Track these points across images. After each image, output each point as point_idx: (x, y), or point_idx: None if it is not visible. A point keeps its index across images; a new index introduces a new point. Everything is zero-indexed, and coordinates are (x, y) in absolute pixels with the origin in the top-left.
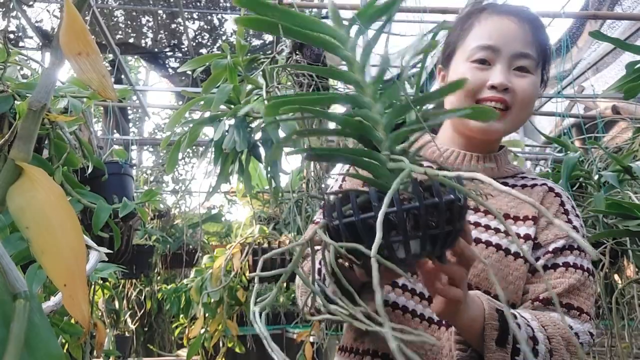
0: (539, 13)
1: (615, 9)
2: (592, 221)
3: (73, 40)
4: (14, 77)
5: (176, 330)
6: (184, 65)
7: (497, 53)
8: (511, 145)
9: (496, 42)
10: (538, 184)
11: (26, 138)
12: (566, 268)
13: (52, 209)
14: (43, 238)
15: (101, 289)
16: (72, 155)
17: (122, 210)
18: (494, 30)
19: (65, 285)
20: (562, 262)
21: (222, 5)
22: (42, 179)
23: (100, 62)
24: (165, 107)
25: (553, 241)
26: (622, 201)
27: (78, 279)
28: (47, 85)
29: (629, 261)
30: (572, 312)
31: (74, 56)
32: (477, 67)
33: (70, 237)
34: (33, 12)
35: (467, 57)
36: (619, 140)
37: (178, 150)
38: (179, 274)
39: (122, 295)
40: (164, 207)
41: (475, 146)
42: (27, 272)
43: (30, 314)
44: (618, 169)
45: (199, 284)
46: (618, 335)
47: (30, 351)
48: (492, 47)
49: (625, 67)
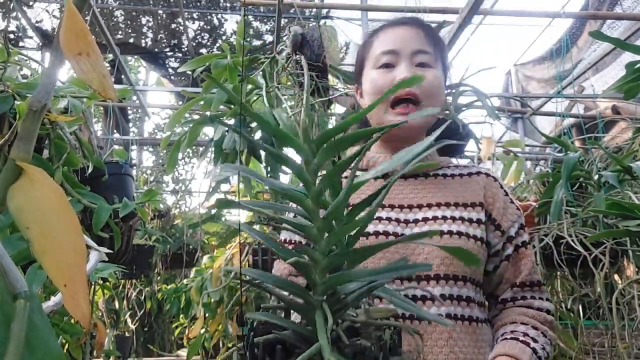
0: (539, 13)
1: (615, 9)
2: (592, 221)
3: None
4: (14, 77)
5: (176, 330)
6: (184, 65)
7: (398, 55)
8: (511, 146)
9: (395, 46)
10: (473, 172)
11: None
12: (525, 247)
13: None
14: (43, 238)
15: (101, 289)
16: (72, 155)
17: (122, 210)
18: (393, 37)
19: (66, 286)
20: (521, 242)
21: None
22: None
23: (101, 63)
24: (165, 107)
25: (511, 226)
26: (622, 201)
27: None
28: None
29: (629, 261)
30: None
31: (74, 56)
32: (384, 71)
33: (70, 237)
34: (33, 12)
35: (374, 65)
36: (619, 140)
37: (178, 150)
38: (179, 274)
39: (122, 295)
40: (164, 207)
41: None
42: (27, 272)
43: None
44: (618, 169)
45: (199, 284)
46: (618, 336)
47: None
48: (393, 51)
49: (625, 67)
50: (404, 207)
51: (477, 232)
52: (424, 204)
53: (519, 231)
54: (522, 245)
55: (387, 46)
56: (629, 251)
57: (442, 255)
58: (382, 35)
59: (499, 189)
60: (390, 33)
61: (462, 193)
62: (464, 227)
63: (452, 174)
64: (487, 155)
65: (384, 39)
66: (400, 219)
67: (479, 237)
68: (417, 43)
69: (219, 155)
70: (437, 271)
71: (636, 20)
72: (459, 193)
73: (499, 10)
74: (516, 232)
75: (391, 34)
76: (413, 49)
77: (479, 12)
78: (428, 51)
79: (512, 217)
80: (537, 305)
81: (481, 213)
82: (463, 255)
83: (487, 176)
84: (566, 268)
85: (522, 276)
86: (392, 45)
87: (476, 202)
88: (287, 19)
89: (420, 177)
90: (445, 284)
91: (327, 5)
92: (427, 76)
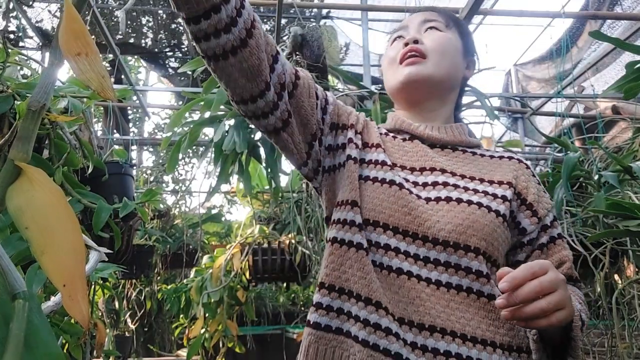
0: (539, 13)
1: (615, 9)
2: (592, 221)
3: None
4: (14, 77)
5: (176, 330)
6: (184, 65)
7: (407, 28)
8: (511, 146)
9: (405, 22)
10: (505, 156)
11: (25, 138)
12: (561, 239)
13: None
14: (42, 238)
15: (101, 289)
16: (72, 155)
17: (122, 210)
18: (404, 20)
19: (65, 286)
20: (557, 234)
21: None
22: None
23: (100, 63)
24: (165, 107)
25: (547, 215)
26: (622, 201)
27: (78, 279)
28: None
29: (629, 261)
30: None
31: (73, 56)
32: (395, 43)
33: (69, 237)
34: (33, 12)
35: (387, 46)
36: (619, 140)
37: (178, 150)
38: (179, 274)
39: (122, 296)
40: (164, 207)
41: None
42: (27, 272)
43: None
44: (618, 169)
45: (199, 284)
46: (618, 335)
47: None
48: (402, 27)
49: (625, 67)
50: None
51: (500, 207)
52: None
53: (554, 222)
54: (558, 237)
55: (399, 25)
56: (629, 251)
57: (456, 222)
58: None
59: (532, 177)
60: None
61: (489, 171)
62: (486, 200)
63: (482, 154)
64: None
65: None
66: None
67: (501, 213)
68: (426, 15)
69: (219, 155)
70: (447, 238)
71: (636, 20)
72: (486, 170)
73: (499, 10)
74: (551, 222)
75: (404, 20)
76: (421, 19)
77: (479, 12)
78: (437, 19)
79: (547, 205)
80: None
81: (508, 191)
82: None
83: (519, 162)
84: None
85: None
86: (404, 23)
87: (504, 180)
88: (287, 19)
89: (447, 148)
90: (453, 252)
91: (327, 5)
92: (434, 35)
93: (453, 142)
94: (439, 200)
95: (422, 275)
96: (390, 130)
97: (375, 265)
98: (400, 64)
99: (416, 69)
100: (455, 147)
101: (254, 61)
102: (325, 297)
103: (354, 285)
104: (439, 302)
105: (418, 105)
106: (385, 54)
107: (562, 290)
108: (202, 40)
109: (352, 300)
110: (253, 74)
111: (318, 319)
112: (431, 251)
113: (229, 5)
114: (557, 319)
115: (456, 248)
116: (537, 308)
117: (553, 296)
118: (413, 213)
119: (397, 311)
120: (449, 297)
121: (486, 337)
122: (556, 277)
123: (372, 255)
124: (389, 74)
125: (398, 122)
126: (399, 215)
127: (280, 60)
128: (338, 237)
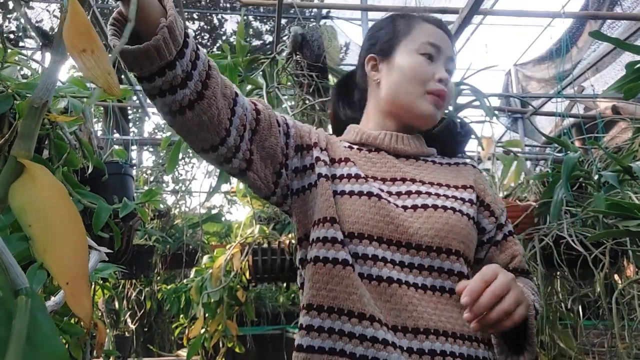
0: (539, 13)
1: (615, 9)
2: (592, 221)
3: (77, 37)
4: (14, 77)
5: (176, 330)
6: None
7: (439, 52)
8: (511, 146)
9: (439, 42)
10: (460, 162)
11: (28, 135)
12: (512, 236)
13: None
14: (46, 236)
15: (101, 289)
16: (72, 156)
17: (122, 211)
18: (435, 34)
19: (68, 283)
20: (508, 231)
21: (222, 5)
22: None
23: (106, 59)
24: None
25: (501, 214)
26: (622, 201)
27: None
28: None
29: (629, 261)
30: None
31: (78, 53)
32: (426, 61)
33: (72, 235)
34: (33, 12)
35: (417, 49)
36: (619, 140)
37: (178, 150)
38: (179, 274)
39: (122, 296)
40: (164, 207)
41: (404, 129)
42: (27, 272)
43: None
44: (618, 169)
45: (199, 284)
46: (618, 336)
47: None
48: (437, 46)
49: (625, 67)
50: (396, 180)
51: (469, 211)
52: (416, 179)
53: (507, 220)
54: (509, 234)
55: (432, 38)
56: (629, 251)
57: (437, 227)
58: (424, 27)
59: (486, 181)
60: (431, 29)
61: (453, 177)
62: (457, 204)
63: (441, 162)
64: (487, 155)
65: (427, 31)
66: (392, 192)
67: (471, 216)
68: (451, 51)
69: None
70: (430, 243)
71: (636, 20)
72: (449, 176)
73: (499, 10)
74: (505, 220)
75: (433, 30)
76: (449, 55)
77: (479, 12)
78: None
79: (501, 205)
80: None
81: (472, 194)
82: None
83: (473, 167)
84: (566, 268)
85: (515, 261)
86: (438, 41)
87: (467, 185)
88: (287, 19)
89: (411, 159)
90: (436, 257)
91: (327, 5)
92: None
93: (416, 154)
94: (416, 208)
95: (410, 281)
96: (354, 144)
97: (364, 277)
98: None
99: (439, 112)
100: (418, 157)
101: (213, 111)
102: (315, 318)
103: (344, 302)
104: (428, 305)
105: (409, 130)
106: (414, 61)
107: (515, 287)
108: (156, 97)
109: (344, 317)
110: (213, 125)
111: (311, 342)
112: (415, 257)
113: (184, 59)
114: (519, 317)
115: (439, 252)
116: (501, 312)
117: (509, 296)
118: (395, 222)
119: (390, 320)
120: (436, 299)
121: (471, 333)
122: (506, 278)
123: (360, 268)
124: (408, 87)
125: (364, 136)
126: (382, 225)
127: (239, 101)
128: (320, 256)
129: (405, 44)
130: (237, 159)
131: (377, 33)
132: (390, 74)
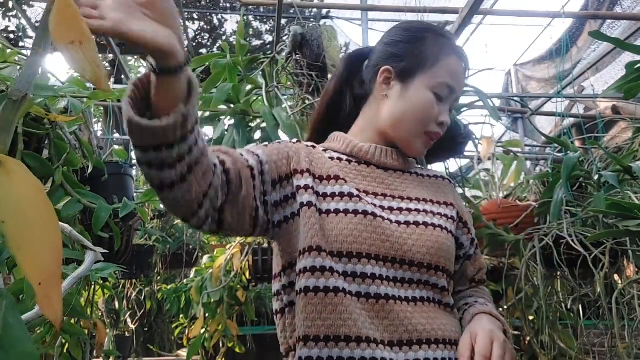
0: (539, 13)
1: (615, 9)
2: (592, 221)
3: (64, 28)
4: (14, 77)
5: (176, 330)
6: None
7: (451, 94)
8: (511, 146)
9: (455, 84)
10: (438, 175)
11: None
12: (477, 249)
13: (30, 203)
14: (19, 233)
15: (101, 289)
16: (72, 156)
17: (122, 211)
18: (456, 72)
19: (40, 284)
20: (476, 244)
21: (222, 5)
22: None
23: (94, 51)
24: None
25: (473, 229)
26: (622, 201)
27: (54, 278)
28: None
29: (629, 261)
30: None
31: (65, 45)
32: (435, 101)
33: (47, 233)
34: (33, 12)
35: (432, 87)
36: (619, 140)
37: None
38: (179, 274)
39: (122, 296)
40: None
41: (392, 145)
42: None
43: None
44: (618, 169)
45: (199, 284)
46: (618, 336)
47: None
48: (452, 88)
49: (625, 67)
50: (386, 195)
51: (452, 228)
52: (404, 196)
53: (475, 235)
54: (476, 247)
55: (450, 80)
56: (629, 251)
57: (428, 245)
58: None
59: (459, 195)
60: (454, 64)
61: (435, 192)
62: (443, 222)
63: (422, 174)
64: (487, 155)
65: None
66: (385, 206)
67: (453, 233)
68: (462, 88)
69: None
70: (422, 260)
71: (636, 20)
72: (431, 192)
73: (499, 10)
74: (475, 235)
75: (455, 67)
76: (458, 95)
77: (479, 12)
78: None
79: (471, 220)
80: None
81: (453, 211)
82: None
83: (449, 182)
84: (566, 268)
85: (480, 274)
86: (455, 83)
87: (448, 202)
88: (287, 19)
89: (398, 171)
90: (426, 272)
91: (327, 5)
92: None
93: (403, 168)
94: (409, 225)
95: (402, 295)
96: (343, 154)
97: (362, 296)
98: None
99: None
100: (404, 171)
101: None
102: (313, 349)
103: (340, 329)
104: (421, 316)
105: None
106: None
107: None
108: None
109: (342, 344)
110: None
111: None
112: (407, 272)
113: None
114: None
115: (429, 269)
116: None
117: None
118: (391, 239)
119: (387, 336)
120: (425, 308)
121: (457, 338)
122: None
123: (358, 287)
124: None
125: (355, 149)
126: (379, 243)
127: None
128: (311, 286)
129: (425, 77)
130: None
131: (405, 46)
132: (399, 99)
